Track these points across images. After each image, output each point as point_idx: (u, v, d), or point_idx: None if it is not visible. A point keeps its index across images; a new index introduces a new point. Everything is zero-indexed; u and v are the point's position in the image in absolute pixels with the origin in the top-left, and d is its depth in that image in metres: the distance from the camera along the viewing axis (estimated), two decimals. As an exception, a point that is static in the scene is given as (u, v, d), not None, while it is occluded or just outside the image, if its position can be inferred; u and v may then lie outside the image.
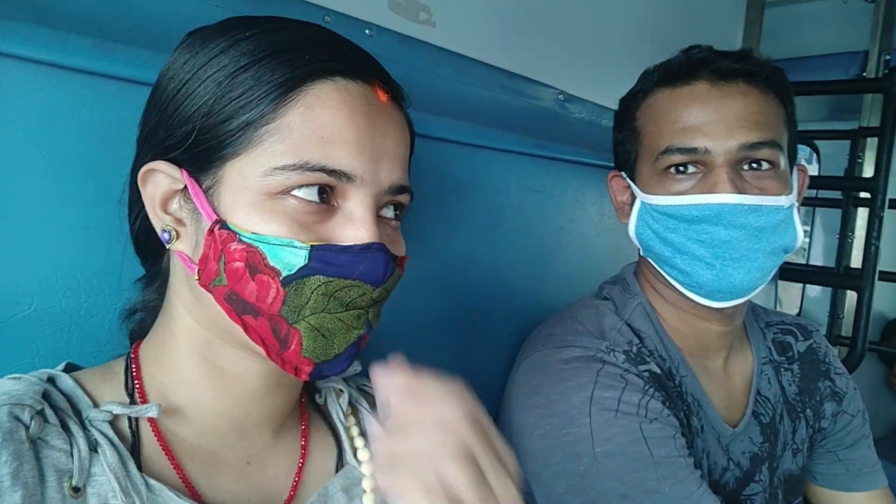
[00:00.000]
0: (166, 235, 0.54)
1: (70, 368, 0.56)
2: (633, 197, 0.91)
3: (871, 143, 2.00)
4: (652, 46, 1.41)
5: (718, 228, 0.80)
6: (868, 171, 2.01)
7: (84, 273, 0.62)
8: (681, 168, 0.83)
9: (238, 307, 0.52)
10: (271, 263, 0.50)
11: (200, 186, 0.52)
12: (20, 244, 0.59)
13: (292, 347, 0.52)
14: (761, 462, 0.94)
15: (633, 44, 1.37)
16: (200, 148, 0.51)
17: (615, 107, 1.31)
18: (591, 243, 1.21)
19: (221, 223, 0.51)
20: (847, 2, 2.19)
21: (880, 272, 1.62)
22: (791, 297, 2.67)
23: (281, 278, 0.50)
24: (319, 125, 0.50)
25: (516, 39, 1.13)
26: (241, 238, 0.50)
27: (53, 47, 0.58)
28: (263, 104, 0.50)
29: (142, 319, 0.61)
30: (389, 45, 0.94)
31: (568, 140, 1.17)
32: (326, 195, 0.52)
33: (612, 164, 0.99)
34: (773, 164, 0.81)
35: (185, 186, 0.52)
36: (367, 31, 0.91)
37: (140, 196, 0.54)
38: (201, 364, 0.56)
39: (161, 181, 0.53)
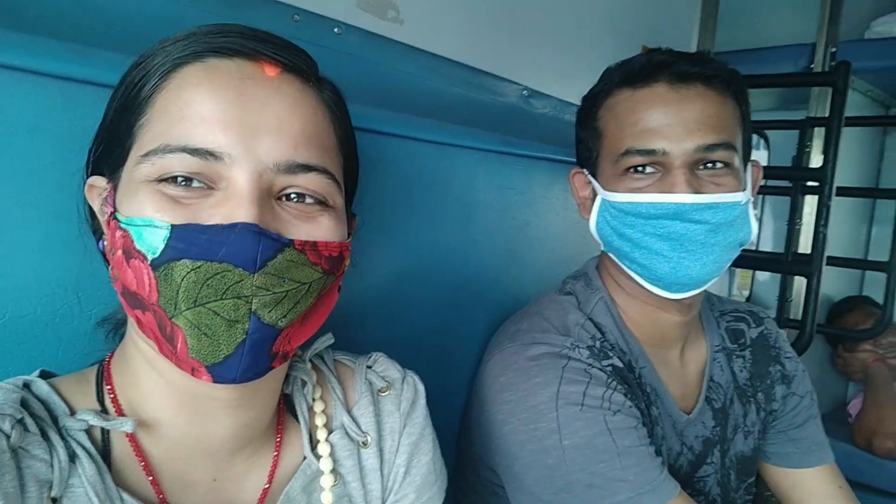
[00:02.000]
0: (102, 245, 0.55)
1: (44, 376, 0.55)
2: (595, 193, 0.93)
3: (819, 133, 2.08)
4: (611, 40, 1.44)
5: (676, 223, 0.83)
6: (816, 160, 2.08)
7: (60, 281, 0.62)
8: (639, 168, 0.86)
9: (129, 301, 0.51)
10: (138, 246, 0.48)
11: (115, 190, 0.53)
12: (-5, 252, 0.58)
13: (179, 346, 0.49)
14: (713, 445, 0.99)
15: (593, 38, 1.40)
16: (109, 152, 0.53)
17: (577, 101, 1.33)
18: (558, 237, 1.24)
19: (112, 214, 0.51)
20: (795, -5, 2.26)
21: (828, 257, 1.68)
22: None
23: (149, 261, 0.48)
24: (180, 106, 0.50)
25: (482, 36, 1.14)
26: (120, 224, 0.50)
27: (25, 51, 0.57)
28: (140, 97, 0.51)
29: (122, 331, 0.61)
30: (358, 42, 0.94)
31: (533, 136, 1.19)
32: (199, 179, 0.49)
33: (576, 160, 1.01)
34: (728, 164, 0.85)
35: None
36: (335, 30, 0.91)
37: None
38: (156, 379, 0.55)
39: (97, 195, 0.55)
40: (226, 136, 0.49)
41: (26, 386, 0.52)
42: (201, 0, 0.76)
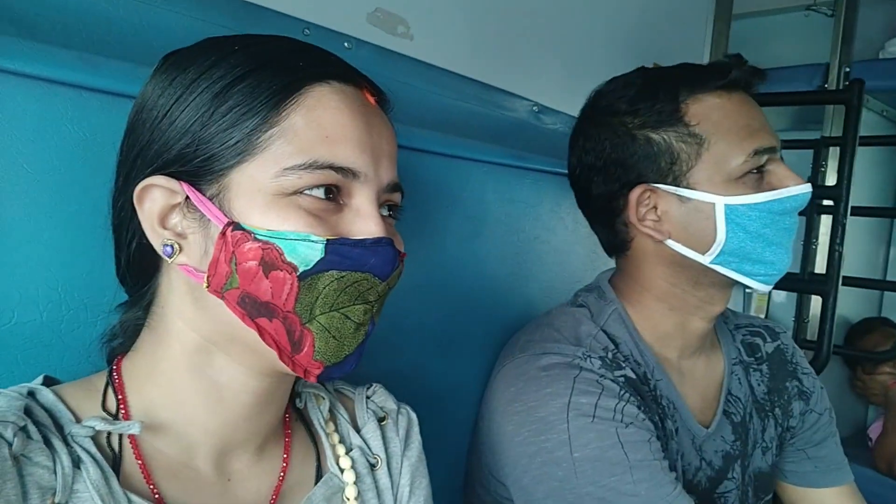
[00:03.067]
0: (168, 249, 0.53)
1: (48, 382, 0.55)
2: (673, 206, 0.89)
3: (834, 152, 2.06)
4: (622, 58, 1.44)
5: (796, 215, 0.88)
6: (830, 179, 2.07)
7: (65, 287, 0.62)
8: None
9: (252, 310, 0.52)
10: (289, 259, 0.51)
11: (204, 195, 0.52)
12: (1, 257, 0.58)
13: (305, 350, 0.53)
14: (734, 460, 0.97)
15: (603, 56, 1.40)
16: (201, 158, 0.52)
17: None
18: (567, 251, 1.23)
19: (234, 225, 0.51)
20: (809, 16, 2.26)
21: (844, 277, 1.67)
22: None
23: (298, 273, 0.51)
24: (322, 126, 0.53)
25: (492, 52, 1.15)
26: (256, 236, 0.51)
27: (35, 59, 0.58)
28: (265, 110, 0.52)
29: (122, 342, 0.61)
30: (368, 57, 0.95)
31: (542, 150, 1.18)
32: (334, 194, 0.54)
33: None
34: None
35: (186, 198, 0.52)
36: (346, 44, 0.92)
37: (132, 217, 0.54)
38: (197, 380, 0.56)
39: (157, 197, 0.53)
40: (363, 157, 0.54)
41: (31, 394, 0.53)
42: (212, 14, 0.77)
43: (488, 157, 1.05)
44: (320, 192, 0.52)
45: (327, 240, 0.51)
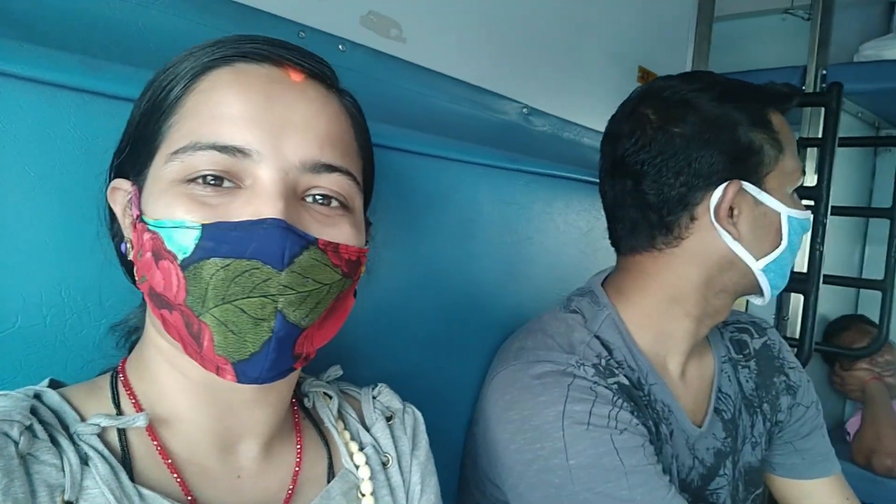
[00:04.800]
0: (124, 247, 0.56)
1: (54, 385, 0.55)
2: (747, 207, 0.89)
3: (812, 153, 2.10)
4: (608, 61, 1.46)
5: None
6: (809, 180, 2.10)
7: (69, 290, 0.62)
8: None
9: (156, 301, 0.52)
10: (168, 247, 0.49)
11: (140, 191, 0.54)
12: (5, 261, 0.58)
13: (206, 343, 0.50)
14: (725, 457, 0.99)
15: (590, 59, 1.42)
16: (135, 154, 0.54)
17: (575, 119, 1.34)
18: (558, 253, 1.24)
19: (139, 217, 0.52)
20: (786, 19, 2.30)
21: (824, 276, 1.70)
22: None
23: (179, 262, 0.48)
24: (210, 106, 0.51)
25: (482, 55, 1.16)
26: (148, 226, 0.50)
27: (38, 63, 0.58)
28: (169, 98, 0.53)
29: (138, 338, 0.61)
30: (362, 60, 0.95)
31: (532, 152, 1.19)
32: (226, 178, 0.51)
33: (576, 177, 0.99)
34: None
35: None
36: (340, 47, 0.92)
37: (113, 220, 0.58)
38: (175, 376, 0.56)
39: (121, 197, 0.56)
40: (254, 134, 0.51)
41: (37, 396, 0.53)
42: (210, 17, 0.77)
43: (480, 158, 1.05)
44: (209, 177, 0.50)
45: (203, 224, 0.48)
